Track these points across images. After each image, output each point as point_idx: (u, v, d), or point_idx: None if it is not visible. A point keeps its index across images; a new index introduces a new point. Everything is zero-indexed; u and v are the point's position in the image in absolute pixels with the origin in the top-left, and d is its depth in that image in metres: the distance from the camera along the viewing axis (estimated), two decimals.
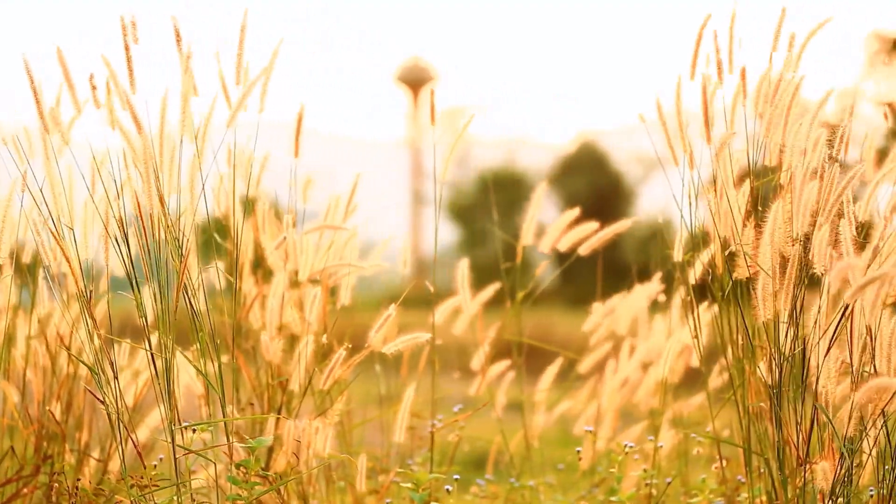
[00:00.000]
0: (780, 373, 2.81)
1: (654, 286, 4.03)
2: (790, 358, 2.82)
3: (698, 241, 3.20)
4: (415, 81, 26.14)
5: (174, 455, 3.00)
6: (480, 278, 3.92)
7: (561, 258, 3.84)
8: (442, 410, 3.78)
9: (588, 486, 3.93)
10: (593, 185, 23.29)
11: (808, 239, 2.74)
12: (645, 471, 3.49)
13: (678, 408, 4.03)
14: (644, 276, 4.08)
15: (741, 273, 2.91)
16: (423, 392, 3.67)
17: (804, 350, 2.82)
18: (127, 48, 2.80)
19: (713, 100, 2.93)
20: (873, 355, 2.70)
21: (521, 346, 3.93)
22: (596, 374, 4.11)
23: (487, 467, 4.01)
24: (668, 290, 3.96)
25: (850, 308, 2.70)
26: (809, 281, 2.80)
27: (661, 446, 3.63)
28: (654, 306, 4.08)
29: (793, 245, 2.74)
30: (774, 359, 2.82)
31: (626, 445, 3.45)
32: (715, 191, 2.97)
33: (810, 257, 2.70)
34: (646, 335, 4.05)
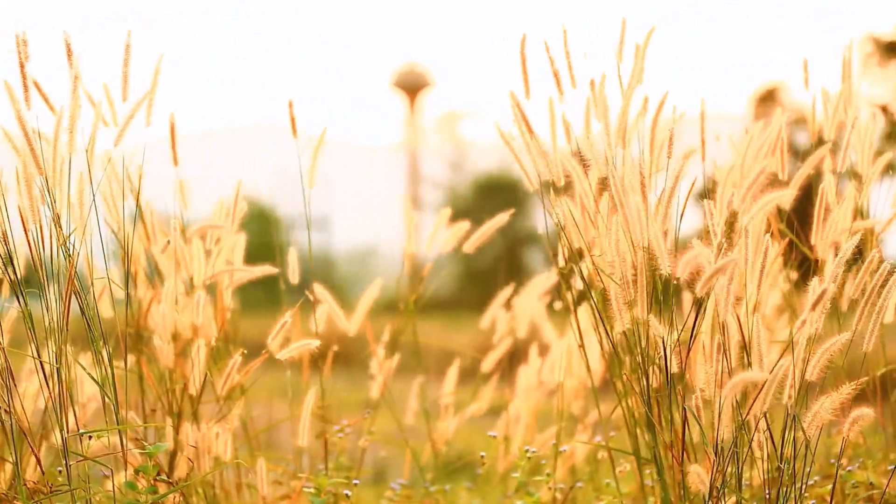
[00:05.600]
0: (647, 379, 2.80)
1: (541, 284, 4.03)
2: (657, 364, 2.80)
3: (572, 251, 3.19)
4: (411, 86, 26.14)
5: (66, 462, 3.02)
6: (475, 282, 3.94)
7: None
8: (354, 414, 3.78)
9: (504, 491, 3.93)
10: None
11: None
12: (548, 475, 3.49)
13: (596, 411, 4.02)
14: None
15: (597, 282, 2.91)
16: (332, 395, 3.67)
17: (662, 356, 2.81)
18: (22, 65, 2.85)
19: (555, 113, 2.98)
20: (726, 351, 2.67)
21: (418, 349, 3.93)
22: (507, 376, 4.11)
23: (404, 472, 4.01)
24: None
25: (704, 305, 2.69)
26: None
27: (566, 450, 3.63)
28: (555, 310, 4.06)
29: (636, 252, 2.73)
30: (640, 366, 2.81)
31: (527, 449, 3.45)
32: (571, 200, 2.99)
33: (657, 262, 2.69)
34: (550, 338, 4.05)
